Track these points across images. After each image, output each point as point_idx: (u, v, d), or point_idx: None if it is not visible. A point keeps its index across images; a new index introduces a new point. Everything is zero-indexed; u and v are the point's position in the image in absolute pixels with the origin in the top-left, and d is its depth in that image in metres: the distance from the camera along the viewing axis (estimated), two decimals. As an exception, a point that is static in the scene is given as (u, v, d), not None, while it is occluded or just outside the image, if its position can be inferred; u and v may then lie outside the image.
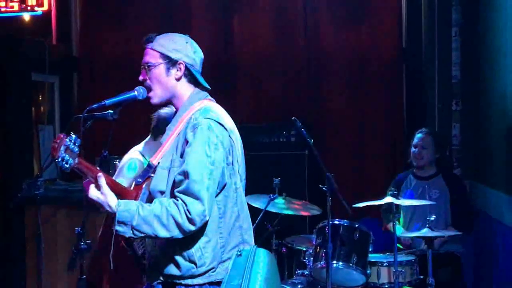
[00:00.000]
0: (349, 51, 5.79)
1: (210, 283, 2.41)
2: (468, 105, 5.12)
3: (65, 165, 2.26)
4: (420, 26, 5.70)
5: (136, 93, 2.60)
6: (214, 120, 2.42)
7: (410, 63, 5.76)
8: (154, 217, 2.30)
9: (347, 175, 5.65)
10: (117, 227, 2.31)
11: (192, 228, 2.31)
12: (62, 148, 2.25)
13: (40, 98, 5.88)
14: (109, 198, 2.33)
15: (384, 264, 3.98)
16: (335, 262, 3.80)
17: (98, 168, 2.40)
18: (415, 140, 4.60)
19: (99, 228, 4.57)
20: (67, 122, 5.87)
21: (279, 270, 2.62)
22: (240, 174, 2.52)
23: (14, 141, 5.22)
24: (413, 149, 4.60)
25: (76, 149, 2.29)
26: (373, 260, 3.99)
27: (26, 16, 5.64)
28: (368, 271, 3.88)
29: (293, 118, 3.76)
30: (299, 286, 3.97)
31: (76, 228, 3.14)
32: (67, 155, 2.26)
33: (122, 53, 5.97)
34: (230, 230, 2.45)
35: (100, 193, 2.34)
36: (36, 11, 5.59)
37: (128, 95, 2.60)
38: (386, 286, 3.97)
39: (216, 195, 2.40)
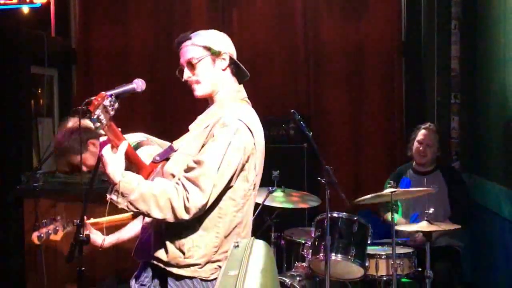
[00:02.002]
0: (348, 44, 5.78)
1: (200, 278, 2.38)
2: (467, 98, 5.12)
3: (97, 123, 2.25)
4: (420, 20, 5.70)
5: (134, 85, 2.60)
6: (245, 124, 2.40)
7: (409, 56, 5.75)
8: (151, 196, 2.27)
9: (346, 168, 5.66)
10: (113, 196, 2.28)
11: (185, 216, 2.27)
12: (101, 106, 2.24)
13: (39, 91, 5.86)
14: (117, 163, 2.30)
15: (383, 257, 3.99)
16: (333, 254, 3.80)
17: (125, 137, 2.40)
18: (420, 136, 4.51)
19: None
20: (66, 114, 5.85)
21: (277, 262, 2.62)
22: (255, 183, 2.49)
23: (13, 133, 5.22)
24: (416, 144, 4.53)
25: (112, 112, 2.28)
26: (371, 253, 4.00)
27: (25, 9, 5.61)
28: (366, 264, 3.89)
29: (292, 110, 3.76)
30: (298, 278, 3.97)
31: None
32: (102, 115, 2.25)
33: (121, 46, 5.96)
34: (228, 234, 2.41)
35: (113, 154, 2.31)
36: (35, 3, 5.55)
37: (126, 88, 2.60)
38: (385, 278, 3.99)
39: (221, 196, 2.37)
